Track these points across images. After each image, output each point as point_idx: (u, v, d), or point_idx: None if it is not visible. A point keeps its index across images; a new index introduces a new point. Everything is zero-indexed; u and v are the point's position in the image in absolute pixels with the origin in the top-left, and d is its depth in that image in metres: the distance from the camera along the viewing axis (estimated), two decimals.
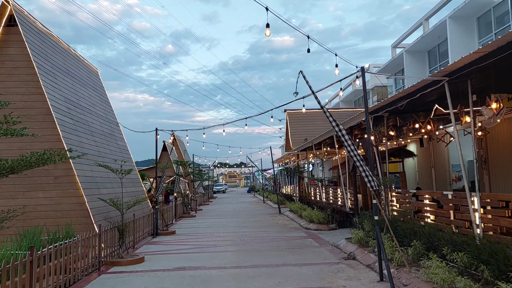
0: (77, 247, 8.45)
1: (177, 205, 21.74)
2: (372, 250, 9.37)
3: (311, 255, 10.08)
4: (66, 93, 13.90)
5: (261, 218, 20.50)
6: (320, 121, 26.03)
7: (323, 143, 19.60)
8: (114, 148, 17.28)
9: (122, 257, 9.79)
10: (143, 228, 13.89)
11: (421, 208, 10.12)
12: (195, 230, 16.29)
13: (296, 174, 25.46)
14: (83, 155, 10.63)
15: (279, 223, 17.82)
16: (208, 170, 49.08)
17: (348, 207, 15.53)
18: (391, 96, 9.65)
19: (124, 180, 17.20)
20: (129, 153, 19.36)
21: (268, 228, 16.10)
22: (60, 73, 14.17)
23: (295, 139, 25.14)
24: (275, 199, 30.53)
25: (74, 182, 11.97)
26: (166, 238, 14.25)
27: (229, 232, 15.28)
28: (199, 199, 32.92)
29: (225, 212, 25.61)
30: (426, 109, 10.97)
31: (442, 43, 20.56)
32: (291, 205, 21.74)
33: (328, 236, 13.24)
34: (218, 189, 65.99)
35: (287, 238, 13.14)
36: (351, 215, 14.92)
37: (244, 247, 11.64)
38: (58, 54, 14.79)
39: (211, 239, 13.56)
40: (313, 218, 15.74)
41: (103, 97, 18.84)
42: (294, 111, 26.81)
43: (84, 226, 11.77)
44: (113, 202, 10.04)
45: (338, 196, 17.64)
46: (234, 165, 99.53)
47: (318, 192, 21.67)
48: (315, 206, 18.19)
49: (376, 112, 11.15)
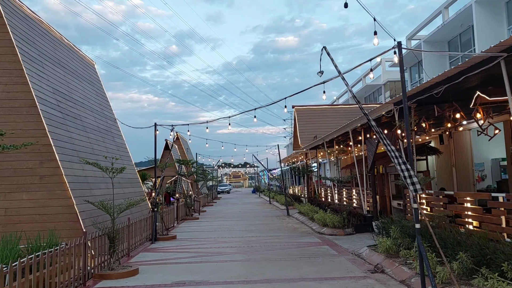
0: (61, 257, 7.15)
1: (179, 207, 20.43)
2: (403, 262, 8.00)
3: (331, 266, 8.72)
4: (55, 84, 12.61)
5: (268, 221, 19.16)
6: (330, 117, 24.67)
7: (335, 140, 18.22)
8: (110, 145, 15.99)
9: (112, 268, 8.48)
10: (140, 233, 12.57)
11: (460, 213, 8.72)
12: (198, 235, 14.96)
13: (305, 174, 24.09)
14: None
15: (288, 227, 16.47)
16: (212, 170, 47.79)
17: (365, 209, 14.16)
18: (425, 82, 8.27)
19: (122, 180, 15.92)
20: (127, 151, 18.07)
21: (277, 233, 14.75)
22: (49, 62, 12.89)
23: (304, 136, 23.78)
24: (281, 200, 29.18)
25: (62, 182, 10.67)
26: (165, 244, 12.93)
27: (235, 237, 13.94)
28: (202, 200, 31.62)
29: (230, 213, 24.28)
30: (462, 98, 9.58)
31: (464, 32, 19.14)
32: (300, 207, 20.38)
33: (346, 242, 11.88)
34: (223, 189, 64.74)
35: (300, 245, 11.79)
36: (370, 218, 13.55)
37: (253, 256, 10.30)
38: (48, 42, 13.51)
39: (215, 245, 12.23)
40: (327, 221, 14.38)
41: (100, 91, 17.56)
42: (302, 107, 25.45)
43: (73, 232, 10.47)
44: (103, 205, 8.72)
45: (353, 198, 16.26)
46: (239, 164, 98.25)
47: (329, 193, 20.29)
48: (327, 209, 16.82)
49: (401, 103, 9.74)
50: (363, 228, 13.49)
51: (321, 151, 23.40)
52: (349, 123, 14.23)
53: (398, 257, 8.45)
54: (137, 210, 15.81)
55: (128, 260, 10.28)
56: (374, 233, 13.01)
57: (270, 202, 34.43)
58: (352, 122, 13.92)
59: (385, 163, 14.71)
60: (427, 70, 19.54)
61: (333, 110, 25.47)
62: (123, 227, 10.59)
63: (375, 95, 33.36)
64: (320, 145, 21.00)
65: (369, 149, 13.34)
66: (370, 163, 13.28)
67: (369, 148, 13.35)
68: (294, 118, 25.31)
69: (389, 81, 29.87)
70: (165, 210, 16.18)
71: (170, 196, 23.34)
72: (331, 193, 19.98)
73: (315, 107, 25.57)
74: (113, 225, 8.77)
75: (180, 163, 21.59)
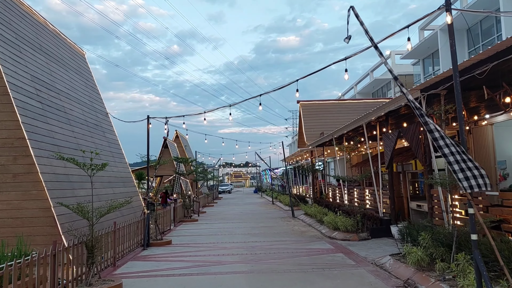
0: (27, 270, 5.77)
1: (177, 208, 19.05)
2: (441, 277, 6.60)
3: (351, 281, 7.33)
4: (35, 71, 11.24)
5: (272, 223, 17.76)
6: (337, 113, 23.26)
7: (345, 136, 16.81)
8: (100, 141, 14.62)
9: (90, 284, 7.09)
10: (130, 238, 11.19)
11: (508, 218, 7.31)
12: (195, 239, 13.57)
13: (310, 173, 22.67)
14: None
15: (295, 230, 15.07)
16: (213, 170, 46.39)
17: (381, 212, 12.75)
18: (467, 60, 6.86)
19: (113, 179, 14.54)
20: (120, 148, 16.70)
21: (283, 237, 13.36)
22: (29, 47, 11.52)
23: (310, 133, 22.37)
24: (285, 201, 27.79)
25: (37, 181, 9.31)
26: (159, 250, 11.54)
27: (236, 242, 12.56)
28: (202, 200, 30.23)
29: (231, 215, 22.89)
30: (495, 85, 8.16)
31: (486, 19, 17.71)
32: (307, 208, 18.98)
33: (362, 249, 10.48)
34: (224, 189, 63.32)
35: (310, 252, 10.39)
36: (387, 222, 12.15)
37: (257, 266, 8.91)
38: (29, 26, 12.13)
39: (214, 252, 10.84)
40: (338, 225, 12.99)
41: (89, 82, 16.18)
42: (308, 103, 24.03)
43: (50, 238, 9.12)
44: (79, 208, 7.33)
45: (366, 199, 14.85)
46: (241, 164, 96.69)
47: (338, 194, 18.89)
48: (337, 210, 15.42)
49: (434, 87, 8.34)
50: (380, 233, 12.10)
51: (328, 148, 22.00)
52: (363, 116, 12.83)
53: (433, 270, 7.05)
54: (130, 212, 14.45)
55: (113, 272, 8.90)
56: (393, 238, 11.61)
57: (273, 202, 33.04)
58: (367, 115, 12.52)
59: (403, 160, 13.31)
60: (444, 61, 18.14)
61: (341, 106, 24.06)
62: (107, 233, 9.20)
63: (384, 90, 31.85)
64: (328, 142, 19.61)
65: (387, 144, 11.94)
66: (388, 160, 11.87)
67: (387, 144, 11.94)
68: (299, 114, 23.89)
69: (399, 75, 28.34)
70: (159, 212, 14.80)
71: (167, 196, 21.97)
72: (339, 193, 18.58)
73: (321, 102, 24.16)
74: (91, 231, 7.38)
75: (178, 161, 20.20)
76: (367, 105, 23.19)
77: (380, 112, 11.50)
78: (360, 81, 36.97)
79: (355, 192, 15.98)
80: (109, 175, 14.09)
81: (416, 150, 9.97)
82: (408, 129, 10.44)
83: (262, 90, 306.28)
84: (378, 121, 12.94)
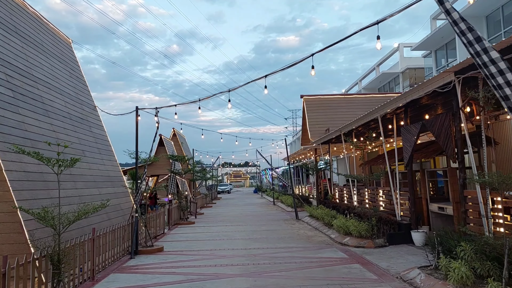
0: None
1: (172, 210, 17.66)
2: None
3: None
4: (6, 55, 9.84)
5: (275, 226, 16.38)
6: (344, 108, 21.88)
7: (355, 132, 15.42)
8: (85, 135, 13.23)
9: None
10: (114, 245, 9.79)
11: None
12: (191, 245, 12.18)
13: (315, 172, 21.29)
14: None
15: (300, 234, 13.70)
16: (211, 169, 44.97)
17: (398, 215, 11.37)
18: None
19: (100, 179, 13.15)
20: (108, 144, 15.30)
21: (288, 243, 11.98)
22: None
23: (314, 130, 20.98)
24: (287, 201, 26.43)
25: (2, 181, 7.91)
26: (148, 259, 10.15)
27: (236, 248, 11.18)
28: (200, 201, 28.85)
29: (230, 216, 21.50)
30: None
31: (508, 4, 16.30)
32: (312, 210, 17.60)
33: (381, 258, 9.10)
34: (223, 189, 61.92)
35: (322, 262, 9.01)
36: (406, 227, 10.77)
37: (261, 281, 7.53)
38: (1, 5, 10.73)
39: (211, 262, 9.46)
40: (351, 229, 11.61)
41: (75, 73, 14.79)
42: (312, 97, 22.63)
43: (17, 246, 7.75)
44: (42, 214, 5.94)
45: (379, 200, 13.46)
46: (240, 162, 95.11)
47: (345, 194, 17.51)
48: (347, 213, 14.05)
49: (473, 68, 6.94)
50: (398, 239, 10.72)
51: (334, 146, 20.62)
52: (378, 107, 11.45)
53: None
54: (119, 215, 13.07)
55: (90, 287, 7.51)
56: (414, 245, 10.24)
57: (274, 203, 31.67)
58: (383, 106, 11.14)
59: (422, 156, 11.93)
60: (462, 51, 16.73)
61: (347, 101, 22.67)
62: (83, 242, 7.80)
63: (391, 85, 30.40)
64: (334, 139, 18.23)
65: (406, 139, 10.56)
66: (408, 157, 10.49)
67: (406, 138, 10.56)
68: (302, 109, 22.50)
69: (408, 69, 26.95)
70: (152, 215, 13.41)
71: (155, 198, 20.64)
72: (348, 194, 17.19)
73: (326, 97, 22.74)
74: (58, 242, 5.98)
75: (174, 160, 18.82)
76: (375, 100, 21.82)
77: (399, 102, 10.11)
78: (365, 77, 35.47)
79: (366, 193, 14.59)
80: (95, 174, 12.71)
81: (445, 144, 8.59)
82: (435, 120, 9.05)
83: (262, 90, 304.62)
84: (395, 113, 11.57)
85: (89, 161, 12.58)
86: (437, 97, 9.68)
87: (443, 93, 9.31)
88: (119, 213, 13.33)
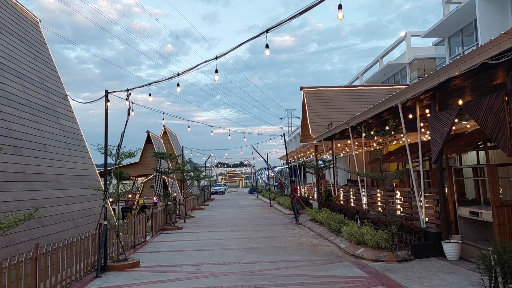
0: None
1: (157, 214, 15.66)
2: None
3: None
4: None
5: (274, 232, 14.45)
6: (347, 101, 20.00)
7: (364, 125, 13.48)
8: (50, 128, 11.21)
9: None
10: (72, 263, 7.78)
11: None
12: (174, 258, 10.19)
13: (316, 171, 19.36)
14: None
15: (304, 243, 11.77)
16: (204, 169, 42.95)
17: (423, 221, 9.45)
18: None
19: (66, 179, 11.13)
20: (81, 139, 13.28)
21: (291, 254, 10.04)
22: None
23: (316, 125, 19.07)
24: (285, 203, 24.49)
25: None
26: (117, 279, 8.15)
27: (228, 262, 9.22)
28: (191, 203, 26.84)
29: (223, 220, 19.53)
30: None
31: None
32: (314, 214, 15.69)
33: (410, 279, 7.18)
34: (217, 189, 59.83)
35: (336, 283, 7.08)
36: (435, 236, 8.86)
37: None
38: None
39: (195, 284, 7.50)
40: (365, 238, 9.71)
41: (42, 56, 12.76)
42: (313, 89, 20.71)
43: None
44: None
45: (395, 203, 11.56)
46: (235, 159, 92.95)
47: (352, 196, 15.60)
48: (357, 218, 12.14)
49: None
50: (425, 251, 8.81)
51: (338, 142, 18.72)
52: (398, 93, 9.53)
53: None
54: (90, 220, 11.07)
55: None
56: (445, 259, 8.34)
57: (270, 204, 29.73)
58: (405, 90, 9.22)
59: (452, 150, 10.01)
60: (485, 33, 14.85)
61: (351, 93, 20.76)
62: (18, 263, 5.79)
63: (396, 78, 28.47)
64: (338, 135, 16.33)
65: (436, 129, 8.65)
66: (438, 151, 8.59)
67: (436, 128, 8.65)
68: (302, 102, 20.56)
69: (417, 59, 25.03)
70: (129, 221, 11.41)
71: (143, 209, 18.66)
72: (355, 195, 15.29)
73: (328, 89, 20.82)
74: None
75: (159, 157, 16.83)
76: (381, 92, 19.97)
77: (430, 83, 8.18)
78: (367, 70, 33.49)
79: (379, 194, 12.68)
80: (60, 173, 10.70)
81: (495, 132, 6.69)
82: (479, 103, 7.14)
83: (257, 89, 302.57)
84: (417, 100, 9.65)
85: (52, 157, 10.57)
86: (478, 75, 7.78)
87: (485, 72, 7.43)
88: (90, 219, 11.34)
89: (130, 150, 9.87)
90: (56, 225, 9.35)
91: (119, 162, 9.55)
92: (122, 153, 9.46)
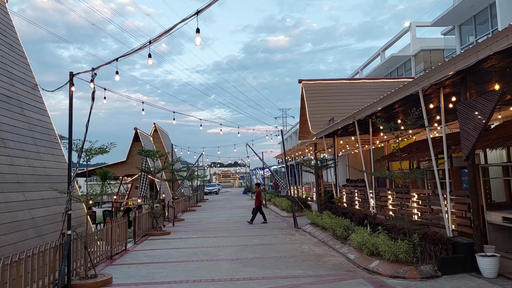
0: None
1: (140, 217, 14.11)
2: None
3: None
4: None
5: (270, 238, 12.97)
6: (349, 95, 18.57)
7: (372, 118, 12.02)
8: (11, 120, 9.63)
9: None
10: (26, 283, 6.24)
11: None
12: (154, 273, 8.67)
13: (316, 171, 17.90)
14: None
15: (306, 252, 10.29)
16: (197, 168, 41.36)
17: (450, 229, 8.00)
18: None
19: (30, 179, 9.55)
20: (53, 133, 11.71)
21: (291, 267, 8.55)
22: None
23: (316, 120, 17.62)
24: (281, 204, 23.04)
25: None
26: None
27: (218, 280, 7.73)
28: (182, 204, 25.30)
29: (215, 223, 18.01)
30: None
31: None
32: (315, 217, 14.23)
33: None
34: (210, 190, 58.27)
35: None
36: (466, 247, 7.41)
37: None
38: None
39: None
40: (380, 249, 8.26)
41: (7, 38, 11.17)
42: (312, 82, 19.25)
43: None
44: None
45: (411, 207, 10.10)
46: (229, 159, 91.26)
47: (357, 198, 14.15)
48: (367, 223, 10.69)
49: None
50: (454, 266, 7.36)
51: (340, 139, 17.27)
52: (423, 75, 8.06)
53: None
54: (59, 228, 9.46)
55: None
56: (480, 275, 6.89)
57: (266, 206, 28.25)
58: (427, 75, 7.76)
59: (485, 145, 8.55)
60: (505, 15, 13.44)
61: (352, 86, 19.32)
62: None
63: (400, 71, 27.00)
64: (341, 131, 14.87)
65: (468, 119, 7.20)
66: (470, 145, 7.14)
67: (468, 118, 7.20)
68: (301, 97, 19.10)
69: (423, 51, 23.54)
70: (101, 229, 9.87)
71: (128, 212, 17.15)
72: (360, 197, 13.84)
73: (328, 82, 19.37)
74: None
75: (144, 155, 15.27)
76: (386, 85, 18.59)
77: (461, 64, 6.72)
78: (368, 63, 31.97)
79: (390, 196, 11.23)
80: (22, 172, 9.13)
81: None
82: None
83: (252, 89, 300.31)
84: (441, 86, 8.20)
85: (12, 153, 9.00)
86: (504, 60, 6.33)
87: None
88: (59, 226, 9.75)
89: (103, 145, 8.32)
90: (12, 235, 7.80)
91: (89, 159, 8.00)
92: (90, 149, 7.91)
